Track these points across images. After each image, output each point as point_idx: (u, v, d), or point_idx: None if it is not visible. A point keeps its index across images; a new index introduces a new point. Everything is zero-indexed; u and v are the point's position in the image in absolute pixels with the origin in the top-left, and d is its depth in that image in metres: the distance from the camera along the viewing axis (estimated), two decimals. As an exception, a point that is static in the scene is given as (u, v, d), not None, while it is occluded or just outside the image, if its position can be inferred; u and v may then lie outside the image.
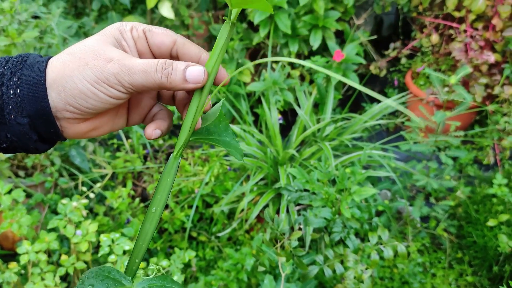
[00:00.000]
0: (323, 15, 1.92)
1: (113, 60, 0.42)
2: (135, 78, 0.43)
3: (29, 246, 1.23)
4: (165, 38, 0.47)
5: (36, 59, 0.43)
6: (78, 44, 0.44)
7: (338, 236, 1.01)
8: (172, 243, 1.65)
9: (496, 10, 1.80)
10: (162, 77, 0.43)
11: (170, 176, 0.49)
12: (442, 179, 1.59)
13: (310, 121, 1.71)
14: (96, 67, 0.42)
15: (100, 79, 0.42)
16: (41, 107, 0.42)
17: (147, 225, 0.48)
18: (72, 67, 0.42)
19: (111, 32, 0.45)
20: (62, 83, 0.42)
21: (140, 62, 0.43)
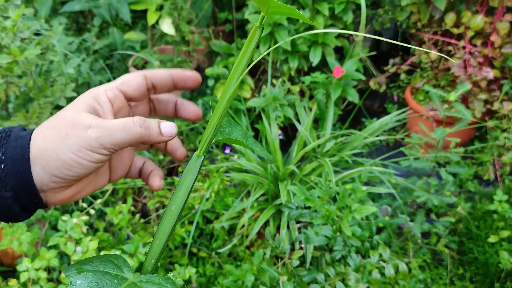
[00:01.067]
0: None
1: (92, 126, 0.44)
2: (116, 137, 0.44)
3: (29, 264, 1.23)
4: (137, 79, 0.50)
5: (19, 133, 0.45)
6: (56, 116, 0.46)
7: (339, 254, 1.01)
8: (172, 259, 1.65)
9: (494, 27, 1.82)
10: (142, 130, 0.45)
11: (192, 174, 0.48)
12: (443, 195, 1.59)
13: (310, 137, 1.72)
14: (77, 136, 0.43)
15: (82, 147, 0.43)
16: (25, 181, 0.43)
17: (165, 224, 0.47)
18: (54, 140, 0.43)
19: (84, 100, 0.47)
20: (46, 157, 0.43)
21: (118, 121, 0.45)
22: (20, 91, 1.55)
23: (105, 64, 2.51)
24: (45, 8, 2.44)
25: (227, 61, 2.06)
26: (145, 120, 0.46)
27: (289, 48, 1.90)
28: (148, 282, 0.43)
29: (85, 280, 0.40)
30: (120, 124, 0.44)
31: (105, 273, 0.42)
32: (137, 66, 2.52)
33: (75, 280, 0.40)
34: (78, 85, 2.18)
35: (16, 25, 1.38)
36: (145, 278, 0.44)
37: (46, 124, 0.45)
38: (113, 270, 0.43)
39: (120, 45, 2.42)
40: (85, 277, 0.41)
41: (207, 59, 2.75)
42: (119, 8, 2.28)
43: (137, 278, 0.44)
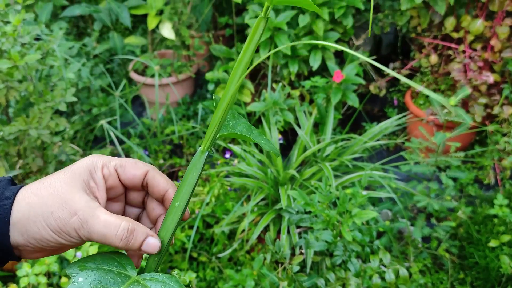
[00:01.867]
0: (322, 36, 1.94)
1: (77, 214, 0.42)
2: (93, 237, 0.43)
3: (29, 269, 1.23)
4: (137, 171, 0.49)
5: (4, 191, 0.44)
6: (47, 183, 0.44)
7: (340, 259, 1.00)
8: (173, 264, 1.64)
9: (494, 31, 1.82)
10: (120, 244, 0.43)
11: (196, 170, 0.47)
12: (443, 200, 1.59)
13: (311, 141, 1.72)
14: (60, 219, 0.42)
15: (62, 230, 0.42)
16: (2, 242, 0.43)
17: (169, 221, 0.47)
18: (37, 212, 0.42)
19: (80, 174, 0.45)
20: (26, 226, 0.43)
21: (102, 222, 0.43)
22: (20, 96, 1.55)
23: (105, 68, 2.51)
24: (45, 13, 2.45)
25: (227, 65, 2.07)
26: (131, 232, 0.44)
27: (289, 53, 1.90)
28: (152, 280, 0.43)
29: (88, 278, 0.40)
30: (102, 228, 0.42)
31: (108, 271, 0.42)
32: (137, 71, 2.52)
33: (78, 277, 0.40)
34: (79, 90, 2.18)
35: (17, 30, 1.38)
36: (149, 276, 0.43)
37: (35, 189, 0.44)
38: (116, 268, 0.43)
39: (121, 49, 2.43)
40: (88, 275, 0.41)
41: (207, 63, 2.75)
42: (119, 12, 2.29)
43: (140, 276, 0.43)
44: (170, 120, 2.30)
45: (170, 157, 2.10)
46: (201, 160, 0.47)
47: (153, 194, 0.50)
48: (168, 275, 0.44)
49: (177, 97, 2.45)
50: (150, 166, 0.49)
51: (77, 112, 2.14)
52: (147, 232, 0.45)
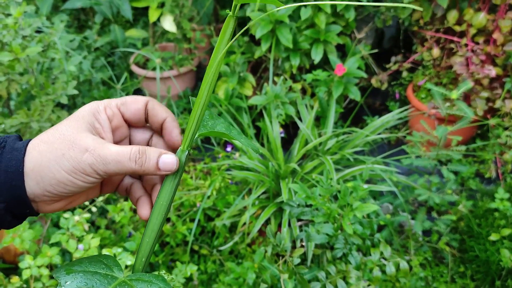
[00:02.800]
0: (324, 29, 1.93)
1: (88, 150, 0.44)
2: (109, 167, 0.44)
3: (31, 261, 1.23)
4: (138, 105, 0.50)
5: (14, 145, 0.44)
6: (54, 130, 0.45)
7: (340, 252, 1.01)
8: (174, 257, 1.65)
9: (497, 24, 1.82)
10: (136, 166, 0.45)
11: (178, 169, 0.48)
12: (444, 193, 1.59)
13: (312, 135, 1.72)
14: (73, 158, 0.43)
15: (77, 169, 0.43)
16: (18, 194, 0.43)
17: (153, 221, 0.48)
18: (49, 157, 0.43)
19: (84, 117, 0.46)
20: (40, 174, 0.43)
21: (114, 152, 0.44)
22: (21, 89, 1.55)
23: (106, 61, 2.51)
24: (46, 6, 2.44)
25: (228, 58, 2.06)
26: (143, 152, 0.46)
27: (291, 46, 1.90)
28: (138, 280, 0.43)
29: (74, 280, 0.41)
30: (115, 155, 0.44)
31: (94, 273, 0.43)
32: (138, 64, 2.52)
33: (64, 280, 0.41)
34: (80, 83, 2.18)
35: (18, 23, 1.38)
36: (135, 276, 0.44)
37: (43, 138, 0.45)
38: (103, 270, 0.44)
39: (122, 42, 2.42)
40: (74, 277, 0.41)
41: (208, 56, 2.75)
42: (120, 5, 2.28)
43: (127, 277, 0.44)
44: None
45: (172, 150, 2.10)
46: (181, 159, 0.48)
47: (153, 125, 0.52)
48: (155, 274, 0.44)
49: (178, 90, 2.45)
50: (149, 97, 0.51)
51: (79, 105, 2.14)
52: (160, 151, 0.47)
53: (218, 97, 2.01)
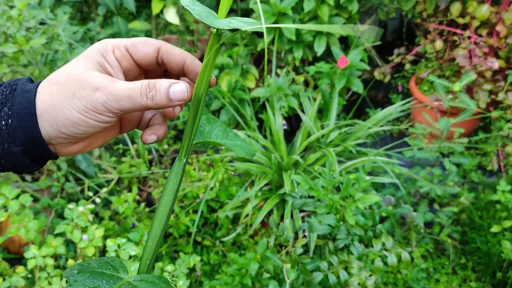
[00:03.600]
0: (327, 21, 1.93)
1: (99, 89, 0.43)
2: (122, 104, 0.43)
3: (36, 251, 1.25)
4: (148, 49, 0.47)
5: (25, 87, 0.44)
6: (63, 70, 0.44)
7: (343, 243, 1.02)
8: (177, 248, 1.66)
9: (500, 17, 1.81)
10: (148, 101, 0.44)
11: (177, 177, 0.50)
12: (446, 185, 1.60)
13: (315, 127, 1.72)
14: (84, 97, 0.43)
15: (89, 108, 0.43)
16: (33, 136, 0.43)
17: (156, 226, 0.49)
18: (60, 97, 0.43)
19: (93, 56, 0.45)
20: (53, 114, 0.43)
21: (125, 88, 0.44)
22: (26, 80, 1.55)
23: (109, 53, 2.51)
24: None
25: (231, 50, 2.06)
26: (153, 85, 0.44)
27: (293, 38, 1.90)
28: (142, 281, 0.45)
29: (82, 279, 0.43)
30: (126, 92, 0.43)
31: (101, 273, 0.45)
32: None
33: (73, 279, 0.43)
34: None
35: (22, 14, 1.38)
36: (140, 277, 0.46)
37: (53, 78, 0.44)
38: (109, 271, 0.46)
39: (125, 34, 2.42)
40: (82, 277, 0.43)
41: (211, 49, 2.75)
42: (123, -3, 2.28)
43: (131, 278, 0.46)
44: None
45: (174, 142, 2.11)
46: (180, 168, 0.50)
47: (172, 70, 0.50)
48: (158, 275, 0.46)
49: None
50: (161, 42, 0.48)
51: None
52: (170, 81, 0.46)
53: (221, 89, 2.01)
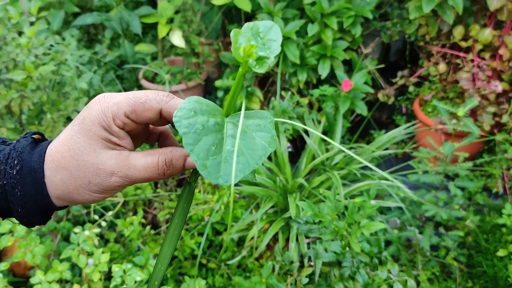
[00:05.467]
0: (331, 45, 1.95)
1: (115, 173, 0.44)
2: (137, 181, 0.45)
3: (42, 276, 1.25)
4: (149, 113, 0.45)
5: (31, 163, 0.44)
6: (68, 154, 0.44)
7: (348, 271, 1.02)
8: (182, 270, 1.66)
9: (502, 40, 1.83)
10: (166, 176, 0.46)
11: (187, 201, 0.51)
12: (451, 209, 1.59)
13: (319, 150, 1.73)
14: (101, 184, 0.44)
15: (106, 190, 0.45)
16: (48, 209, 0.45)
17: (165, 248, 0.51)
18: (76, 185, 0.44)
19: (96, 133, 0.44)
20: (71, 197, 0.45)
21: (142, 169, 0.44)
22: (33, 104, 1.58)
23: (115, 75, 2.54)
24: (57, 20, 2.48)
25: (236, 73, 2.08)
26: (170, 164, 0.46)
27: (298, 61, 1.92)
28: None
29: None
30: (143, 173, 0.44)
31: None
32: (147, 78, 2.55)
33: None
34: (90, 97, 2.21)
35: (31, 42, 1.41)
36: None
37: (59, 161, 0.44)
38: None
39: (131, 57, 2.45)
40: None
41: (216, 70, 2.77)
42: (130, 21, 2.32)
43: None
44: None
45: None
46: (190, 193, 0.51)
47: None
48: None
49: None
50: (162, 100, 0.46)
51: (88, 119, 2.17)
52: (184, 154, 0.47)
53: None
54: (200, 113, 0.42)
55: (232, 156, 0.41)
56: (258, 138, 0.46)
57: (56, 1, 2.61)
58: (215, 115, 0.43)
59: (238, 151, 0.42)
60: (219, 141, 0.42)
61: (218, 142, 0.41)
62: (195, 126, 0.41)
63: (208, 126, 0.41)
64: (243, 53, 0.43)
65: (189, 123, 0.40)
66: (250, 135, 0.45)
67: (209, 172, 0.40)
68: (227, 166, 0.41)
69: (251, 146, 0.44)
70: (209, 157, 0.40)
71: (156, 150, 0.46)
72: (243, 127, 0.44)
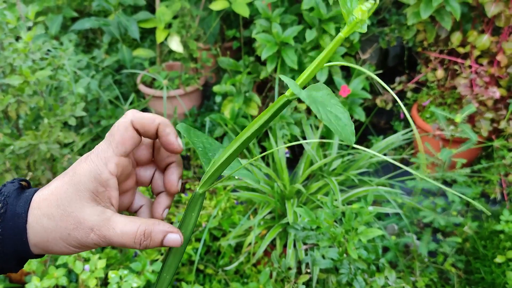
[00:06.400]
0: (329, 50, 1.95)
1: (93, 230, 0.44)
2: (113, 244, 0.45)
3: (38, 282, 1.24)
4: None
5: (15, 209, 0.44)
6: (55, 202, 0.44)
7: (345, 278, 1.01)
8: (180, 276, 1.66)
9: (500, 46, 1.83)
10: (140, 247, 0.45)
11: (195, 211, 0.50)
12: (449, 215, 1.59)
13: (317, 156, 1.73)
14: (78, 239, 0.44)
15: (83, 245, 0.45)
16: (24, 256, 0.45)
17: (171, 258, 0.50)
18: (55, 236, 0.44)
19: (85, 184, 0.44)
20: (47, 247, 0.45)
21: (119, 233, 0.44)
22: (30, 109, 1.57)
23: (113, 79, 2.54)
24: (55, 25, 2.48)
25: (234, 79, 2.08)
26: (148, 235, 0.45)
27: (296, 67, 1.92)
28: None
29: None
30: (119, 237, 0.44)
31: None
32: (145, 83, 2.54)
33: None
34: (87, 102, 2.21)
35: (28, 47, 1.41)
36: None
37: (45, 209, 0.44)
38: None
39: (129, 61, 2.45)
40: None
41: (214, 75, 2.77)
42: (128, 26, 2.32)
43: None
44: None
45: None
46: (199, 202, 0.50)
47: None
48: None
49: (184, 109, 2.48)
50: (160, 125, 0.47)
51: (86, 124, 2.17)
52: (166, 230, 0.46)
53: (224, 117, 2.03)
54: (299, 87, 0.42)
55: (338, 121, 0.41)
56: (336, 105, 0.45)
57: (54, 6, 2.61)
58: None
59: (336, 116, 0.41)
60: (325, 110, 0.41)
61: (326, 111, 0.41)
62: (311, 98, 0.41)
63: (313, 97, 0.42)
64: (360, 14, 0.40)
65: (307, 94, 0.41)
66: (330, 102, 0.44)
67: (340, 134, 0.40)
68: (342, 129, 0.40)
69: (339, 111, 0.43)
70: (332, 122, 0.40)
71: (139, 219, 0.46)
72: (321, 98, 0.44)
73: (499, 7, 1.74)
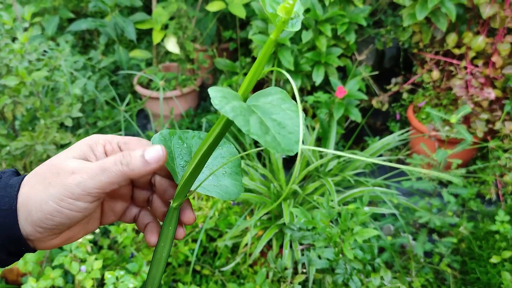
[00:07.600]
0: (325, 51, 1.96)
1: (74, 172, 0.41)
2: (99, 180, 0.41)
3: (34, 283, 1.24)
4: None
5: (9, 181, 0.43)
6: (47, 163, 0.43)
7: (341, 278, 1.01)
8: (176, 277, 1.66)
9: (495, 47, 1.84)
10: (123, 167, 0.42)
11: (171, 224, 0.50)
12: (445, 215, 1.60)
13: (313, 156, 1.73)
14: (60, 184, 0.41)
15: (64, 196, 0.41)
16: (12, 233, 0.41)
17: (154, 271, 0.51)
18: (37, 189, 0.41)
19: (79, 148, 0.44)
20: (28, 208, 0.41)
21: (98, 163, 0.42)
22: (26, 110, 1.57)
23: (110, 80, 2.54)
24: (52, 26, 2.48)
25: (230, 80, 2.09)
26: (127, 155, 0.42)
27: (292, 68, 1.92)
28: None
29: None
30: (99, 166, 0.41)
31: None
32: (142, 84, 2.54)
33: None
34: (84, 103, 2.21)
35: (24, 48, 1.41)
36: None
37: (36, 170, 0.43)
38: None
39: (126, 63, 2.45)
40: None
41: (211, 76, 2.78)
42: (124, 27, 2.32)
43: None
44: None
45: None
46: (175, 215, 0.50)
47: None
48: None
49: (181, 110, 2.48)
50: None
51: (83, 125, 2.17)
52: (144, 144, 0.46)
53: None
54: (231, 98, 0.40)
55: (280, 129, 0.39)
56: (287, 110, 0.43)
57: (50, 7, 2.61)
58: (239, 99, 0.41)
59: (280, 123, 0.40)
60: (260, 120, 0.40)
61: (260, 121, 0.39)
62: (238, 109, 0.39)
63: (244, 108, 0.39)
64: (284, 13, 0.39)
65: (232, 107, 0.38)
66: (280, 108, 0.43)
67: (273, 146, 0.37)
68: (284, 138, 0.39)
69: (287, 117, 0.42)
70: (264, 134, 0.38)
71: None
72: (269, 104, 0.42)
73: (494, 8, 1.75)
